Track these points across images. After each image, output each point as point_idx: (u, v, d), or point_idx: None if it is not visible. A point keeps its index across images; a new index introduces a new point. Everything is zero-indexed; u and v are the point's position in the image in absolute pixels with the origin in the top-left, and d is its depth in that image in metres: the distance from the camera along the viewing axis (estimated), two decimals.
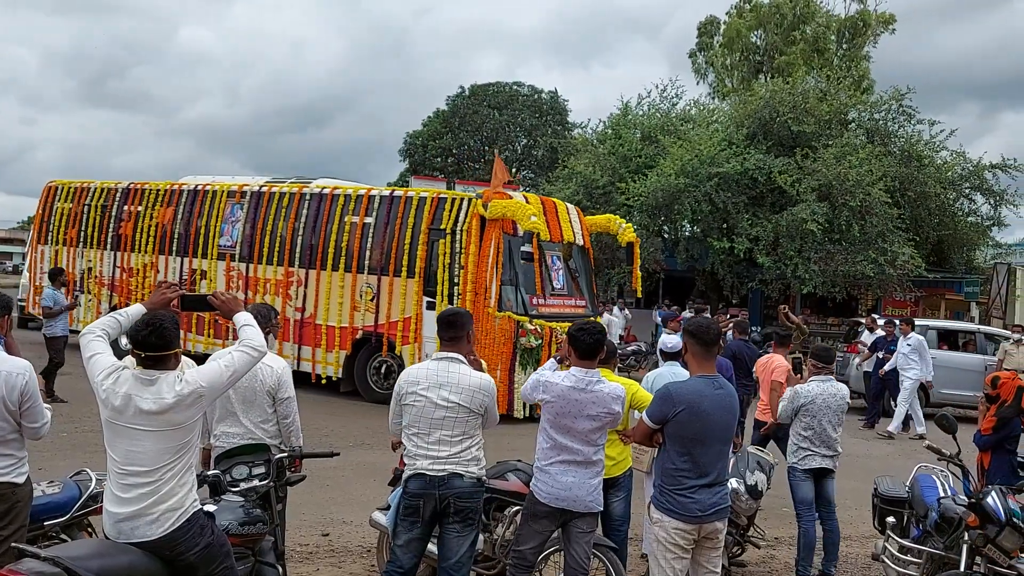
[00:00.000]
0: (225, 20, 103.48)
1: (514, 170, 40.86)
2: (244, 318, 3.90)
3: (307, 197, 13.87)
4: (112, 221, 15.91)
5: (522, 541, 4.68)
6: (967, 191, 23.49)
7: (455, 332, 4.62)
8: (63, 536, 4.58)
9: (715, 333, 4.43)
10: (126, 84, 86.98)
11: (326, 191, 13.85)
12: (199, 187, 15.17)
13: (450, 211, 12.35)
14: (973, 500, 5.04)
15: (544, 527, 4.64)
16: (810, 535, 6.39)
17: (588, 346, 4.61)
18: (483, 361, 5.58)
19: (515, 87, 42.44)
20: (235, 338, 3.88)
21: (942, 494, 5.64)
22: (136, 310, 3.80)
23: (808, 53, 31.22)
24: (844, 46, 33.28)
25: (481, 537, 5.30)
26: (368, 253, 13.04)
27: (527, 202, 12.42)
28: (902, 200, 21.51)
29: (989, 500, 4.93)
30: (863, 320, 17.04)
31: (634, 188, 21.43)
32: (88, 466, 4.96)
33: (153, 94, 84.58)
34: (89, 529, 4.76)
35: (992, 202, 23.34)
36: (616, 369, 6.07)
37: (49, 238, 16.77)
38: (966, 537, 4.98)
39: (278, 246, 13.93)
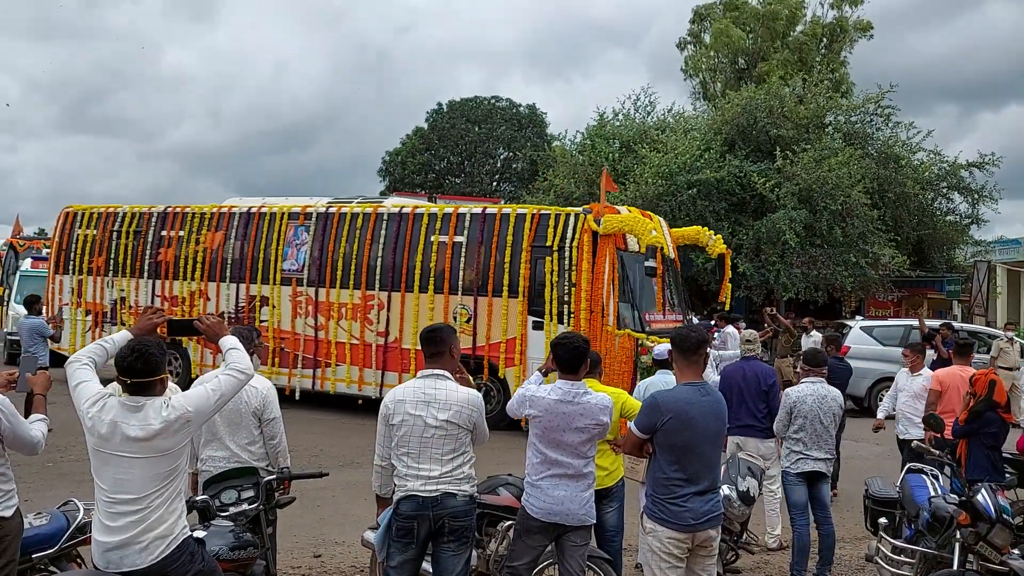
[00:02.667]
0: (207, 43, 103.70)
1: (494, 183, 40.94)
2: (230, 341, 3.88)
3: (384, 217, 13.28)
4: (148, 247, 14.97)
5: (515, 557, 4.65)
6: (944, 190, 23.77)
7: (437, 348, 4.54)
8: (52, 568, 4.52)
9: (694, 341, 4.43)
10: (108, 109, 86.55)
11: (406, 210, 13.30)
12: (253, 209, 14.38)
13: (555, 227, 11.92)
14: (963, 498, 5.08)
15: (537, 542, 4.62)
16: (804, 539, 6.40)
17: (571, 358, 4.58)
18: (470, 377, 5.57)
19: (493, 101, 42.59)
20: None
21: (933, 493, 5.67)
22: (122, 336, 3.78)
23: (792, 61, 31.43)
24: (823, 51, 33.58)
25: (474, 553, 5.27)
26: (461, 273, 12.52)
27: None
28: (881, 201, 21.72)
29: (979, 498, 4.96)
30: (848, 322, 17.13)
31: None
32: (75, 495, 4.90)
33: (135, 119, 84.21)
34: (78, 560, 4.69)
35: (970, 200, 23.63)
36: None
37: (70, 267, 15.66)
38: (958, 535, 5.01)
39: (353, 269, 13.26)
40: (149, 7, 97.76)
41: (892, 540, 5.77)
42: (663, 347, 7.07)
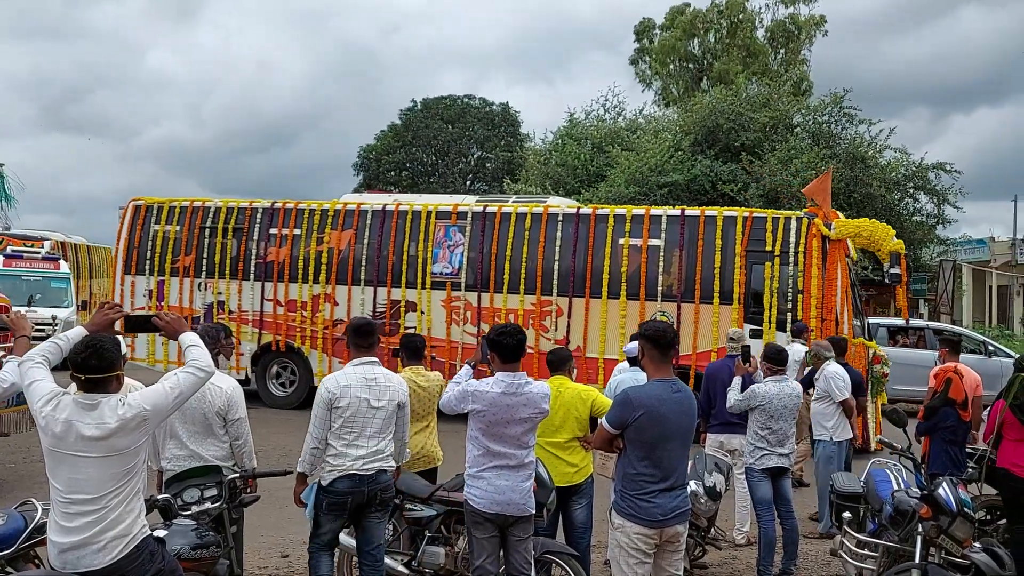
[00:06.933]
0: (190, 43, 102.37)
1: (468, 183, 40.88)
2: (190, 338, 3.82)
3: (559, 217, 12.48)
4: (253, 246, 13.56)
5: (476, 555, 4.64)
6: (911, 191, 24.07)
7: (370, 339, 5.08)
8: (8, 569, 4.42)
9: (671, 337, 4.45)
10: (88, 109, 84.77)
11: (586, 211, 12.61)
12: (390, 207, 13.28)
13: (774, 231, 11.41)
14: (925, 492, 5.13)
15: (488, 532, 4.62)
16: (770, 534, 6.44)
17: (512, 348, 4.62)
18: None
19: (467, 100, 42.50)
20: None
21: (896, 487, 5.72)
22: (77, 333, 3.71)
23: (744, 58, 31.72)
24: (781, 51, 33.89)
25: (442, 551, 5.27)
26: (659, 278, 11.87)
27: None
28: (848, 203, 21.93)
29: (940, 491, 5.02)
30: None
31: (584, 199, 21.62)
32: (36, 497, 4.81)
33: (115, 118, 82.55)
34: (36, 561, 4.61)
35: (935, 200, 23.96)
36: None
37: (145, 267, 13.95)
38: (920, 529, 5.06)
39: (524, 272, 12.38)
40: (131, 7, 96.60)
41: (856, 534, 5.83)
42: (634, 344, 7.08)
